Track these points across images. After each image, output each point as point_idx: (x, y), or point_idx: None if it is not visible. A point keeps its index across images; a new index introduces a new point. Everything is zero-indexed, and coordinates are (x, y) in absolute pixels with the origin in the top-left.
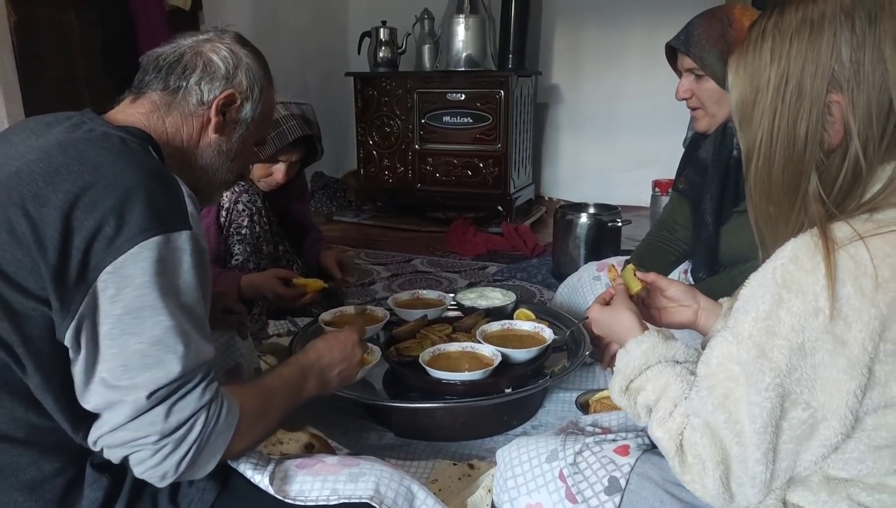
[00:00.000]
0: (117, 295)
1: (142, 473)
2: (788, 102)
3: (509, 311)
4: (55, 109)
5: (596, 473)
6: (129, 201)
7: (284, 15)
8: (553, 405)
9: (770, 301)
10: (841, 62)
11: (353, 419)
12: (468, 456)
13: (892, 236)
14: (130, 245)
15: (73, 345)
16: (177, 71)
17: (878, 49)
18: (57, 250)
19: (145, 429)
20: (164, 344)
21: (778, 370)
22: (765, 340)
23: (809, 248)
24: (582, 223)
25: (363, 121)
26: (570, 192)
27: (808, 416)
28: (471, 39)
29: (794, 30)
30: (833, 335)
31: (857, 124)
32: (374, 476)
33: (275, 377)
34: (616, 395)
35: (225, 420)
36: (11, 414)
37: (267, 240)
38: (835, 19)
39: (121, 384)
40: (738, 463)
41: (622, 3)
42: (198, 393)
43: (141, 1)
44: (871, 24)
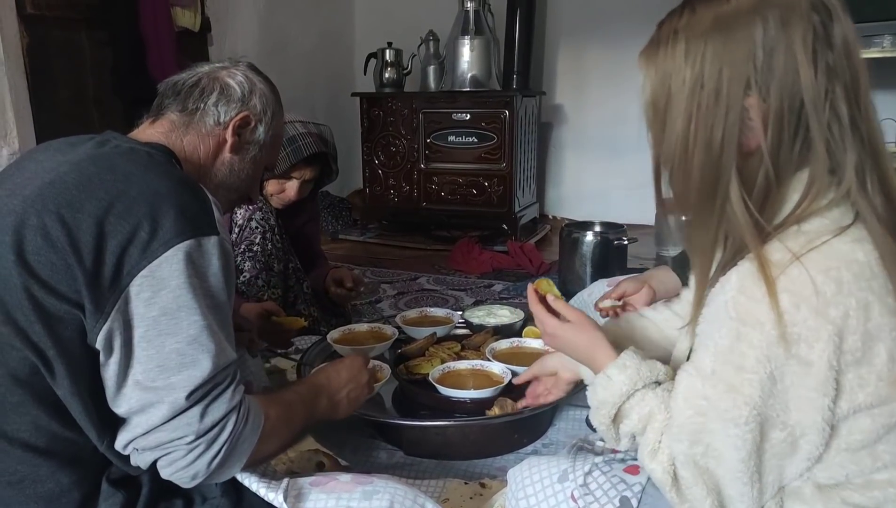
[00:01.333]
0: (153, 298)
1: (171, 474)
2: (705, 105)
3: (518, 328)
4: (65, 128)
5: (607, 493)
6: (161, 207)
7: (292, 36)
8: (564, 423)
9: (728, 336)
10: (755, 65)
11: (363, 438)
12: (479, 475)
13: (826, 247)
14: (166, 248)
15: (105, 348)
16: (195, 94)
17: (790, 50)
18: (92, 254)
19: (182, 430)
20: (200, 343)
21: (753, 403)
22: (732, 375)
23: (754, 277)
24: (588, 241)
25: (369, 140)
26: (575, 211)
27: (787, 435)
28: (475, 60)
29: (706, 30)
30: (797, 359)
31: (768, 128)
32: (388, 493)
33: (291, 393)
34: (602, 426)
35: (252, 423)
36: (35, 422)
37: (278, 258)
38: (748, 20)
39: (157, 384)
40: (725, 486)
41: (625, 25)
42: (229, 394)
43: (151, 22)
44: (783, 25)
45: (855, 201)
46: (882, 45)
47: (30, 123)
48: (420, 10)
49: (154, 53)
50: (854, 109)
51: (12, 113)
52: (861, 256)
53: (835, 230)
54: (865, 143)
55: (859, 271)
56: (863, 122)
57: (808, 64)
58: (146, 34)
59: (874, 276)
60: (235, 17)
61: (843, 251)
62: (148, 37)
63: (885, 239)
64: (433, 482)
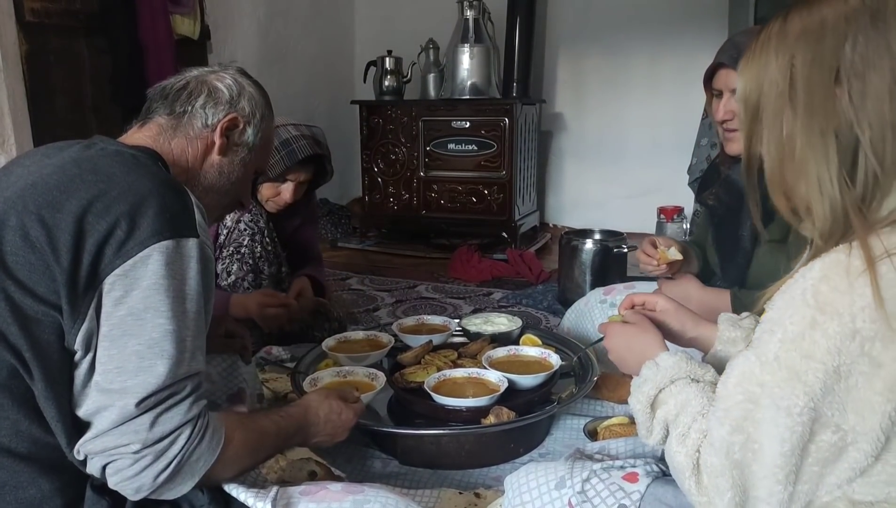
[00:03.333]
0: (123, 297)
1: (116, 483)
2: (800, 97)
3: (515, 337)
4: (63, 136)
5: (605, 501)
6: (141, 206)
7: (292, 44)
8: (560, 432)
9: (801, 323)
10: (845, 60)
11: (357, 447)
12: (474, 485)
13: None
14: (141, 248)
15: (83, 348)
16: (182, 97)
17: (882, 45)
18: (70, 253)
19: (128, 437)
20: (161, 348)
21: (813, 394)
22: (798, 362)
23: (841, 267)
24: (587, 249)
25: (368, 148)
26: (575, 219)
27: (838, 439)
28: (475, 68)
29: (797, 34)
30: (870, 357)
31: (867, 127)
32: (378, 503)
33: (268, 421)
34: (640, 405)
35: (209, 442)
36: (15, 427)
37: (269, 261)
38: (837, 24)
39: (112, 387)
40: (755, 486)
41: (624, 33)
42: (185, 406)
43: (150, 30)
44: (874, 27)
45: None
46: None
47: (28, 130)
48: (420, 19)
49: (153, 61)
50: None
51: (10, 120)
52: None
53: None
54: None
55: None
56: None
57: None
58: (145, 42)
59: None
60: (235, 25)
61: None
62: (147, 45)
63: None
64: (427, 491)
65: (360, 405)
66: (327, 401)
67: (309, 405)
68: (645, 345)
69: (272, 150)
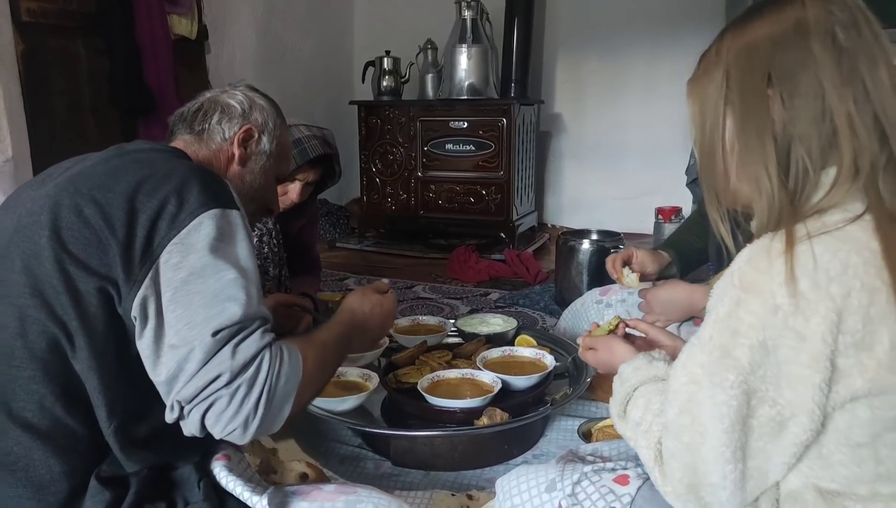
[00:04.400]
0: (181, 262)
1: (224, 429)
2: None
3: (510, 337)
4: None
5: (595, 504)
6: (186, 184)
7: (290, 44)
8: (555, 433)
9: (729, 303)
10: (774, 66)
11: (350, 448)
12: (467, 487)
13: (840, 232)
14: (193, 217)
15: (140, 316)
16: (198, 117)
17: (809, 56)
18: (124, 228)
19: (215, 370)
20: (226, 294)
21: (741, 368)
22: (727, 340)
23: (764, 250)
24: (584, 250)
25: (367, 149)
26: (573, 220)
27: (776, 413)
28: (473, 68)
29: (731, 50)
30: (793, 331)
31: (798, 126)
32: (371, 503)
33: (327, 335)
34: (616, 421)
35: (290, 361)
36: (41, 402)
37: (274, 263)
38: (766, 36)
39: (186, 340)
40: (707, 472)
41: (623, 34)
42: (257, 336)
43: (147, 30)
44: (799, 35)
45: (871, 191)
46: None
47: (24, 130)
48: (418, 19)
49: (150, 62)
50: (875, 105)
51: (6, 121)
52: (875, 244)
53: (850, 219)
54: (891, 134)
55: (871, 257)
56: (886, 119)
57: (830, 68)
58: (142, 42)
59: (886, 266)
60: (233, 25)
61: (856, 237)
62: (144, 45)
63: (892, 230)
64: (420, 493)
65: (392, 293)
66: (366, 297)
67: (352, 307)
68: (611, 359)
69: (290, 156)
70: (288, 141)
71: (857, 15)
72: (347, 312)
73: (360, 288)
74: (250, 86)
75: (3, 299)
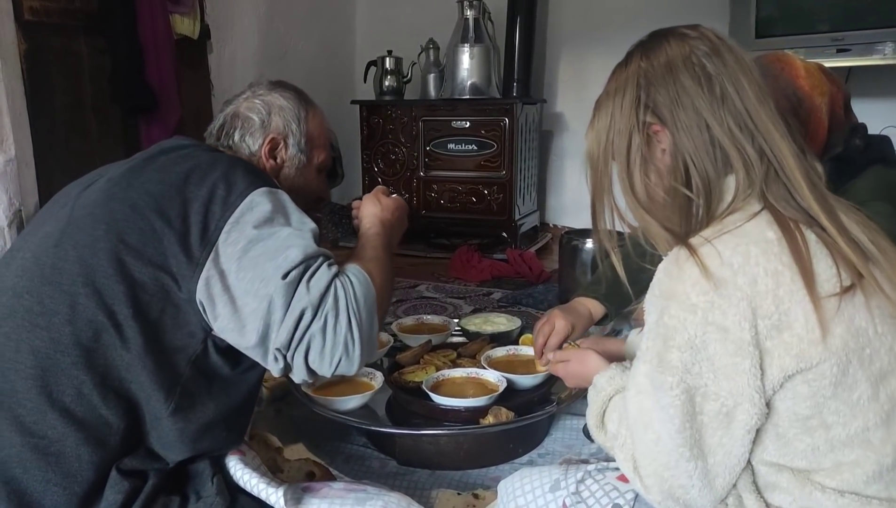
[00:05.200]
0: (239, 237)
1: (331, 364)
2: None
3: (515, 336)
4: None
5: (599, 501)
6: (231, 169)
7: (292, 44)
8: (560, 432)
9: (655, 313)
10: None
11: (355, 447)
12: (472, 486)
13: (737, 230)
14: (243, 197)
15: (207, 298)
16: (223, 135)
17: (681, 87)
18: (179, 216)
19: (297, 310)
20: (286, 244)
21: (675, 369)
22: (660, 346)
23: (673, 259)
24: (587, 249)
25: (369, 148)
26: (575, 219)
27: (721, 405)
28: (475, 68)
29: (613, 90)
30: (714, 326)
31: (690, 154)
32: (381, 501)
33: (371, 249)
34: (595, 432)
35: (359, 281)
36: (79, 388)
37: None
38: (638, 77)
39: (260, 294)
40: (669, 469)
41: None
42: (325, 268)
43: (149, 29)
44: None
45: (762, 195)
46: (884, 53)
47: (27, 129)
48: (420, 18)
49: (152, 61)
50: (748, 120)
51: (9, 119)
52: (771, 234)
53: (748, 217)
54: (764, 146)
55: (767, 246)
56: (758, 132)
57: (702, 98)
58: (144, 41)
59: (784, 251)
60: (235, 25)
61: (751, 231)
62: (146, 44)
63: (786, 221)
64: (426, 492)
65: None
66: (378, 201)
67: (374, 214)
68: (586, 371)
69: (326, 142)
70: (318, 129)
71: (718, 43)
72: (377, 223)
73: (368, 195)
74: (271, 82)
75: (57, 286)
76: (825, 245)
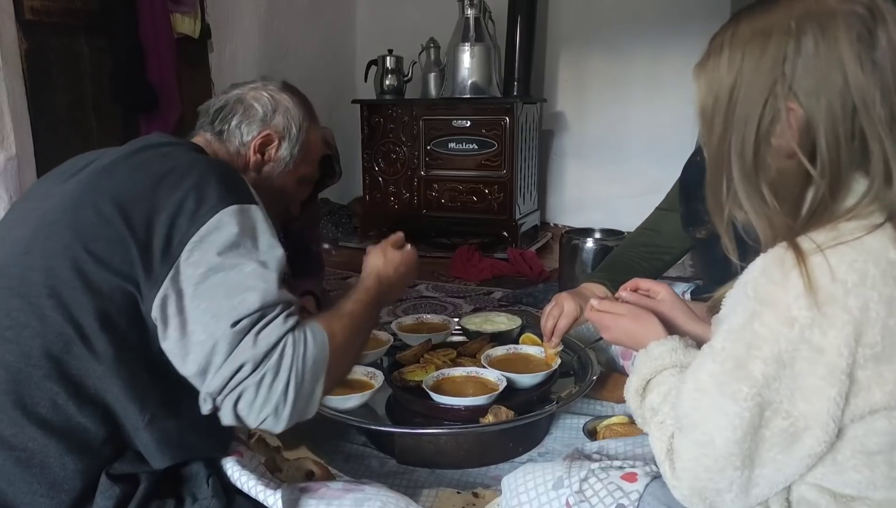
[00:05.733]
0: (202, 259)
1: (256, 418)
2: (740, 109)
3: (515, 335)
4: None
5: (603, 501)
6: (205, 179)
7: (292, 42)
8: (560, 431)
9: (744, 315)
10: (785, 71)
11: (355, 446)
12: (473, 484)
13: (856, 242)
14: (212, 214)
15: (161, 317)
16: (221, 116)
17: (832, 56)
18: (144, 227)
19: (237, 361)
20: (245, 285)
21: (754, 381)
22: (741, 351)
23: (778, 260)
24: (588, 248)
25: (369, 148)
26: (576, 218)
27: (789, 425)
28: (476, 67)
29: (746, 40)
30: (809, 344)
31: (823, 131)
32: (378, 501)
33: (352, 304)
34: (630, 395)
35: (314, 341)
36: (54, 399)
37: None
38: (783, 30)
39: (208, 332)
40: (712, 472)
41: (626, 33)
42: (280, 321)
43: (150, 29)
44: (823, 32)
45: (890, 207)
46: None
47: (27, 128)
48: (421, 18)
49: (153, 60)
50: None
51: (9, 118)
52: (893, 254)
53: (868, 228)
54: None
55: (888, 268)
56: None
57: (855, 67)
58: (145, 41)
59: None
60: (236, 24)
61: (873, 248)
62: (147, 43)
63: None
64: (426, 491)
65: (412, 248)
66: (387, 256)
67: (377, 270)
68: (641, 332)
69: (316, 158)
70: (314, 144)
71: (883, 8)
72: (373, 277)
73: (377, 246)
74: (284, 84)
75: (25, 298)
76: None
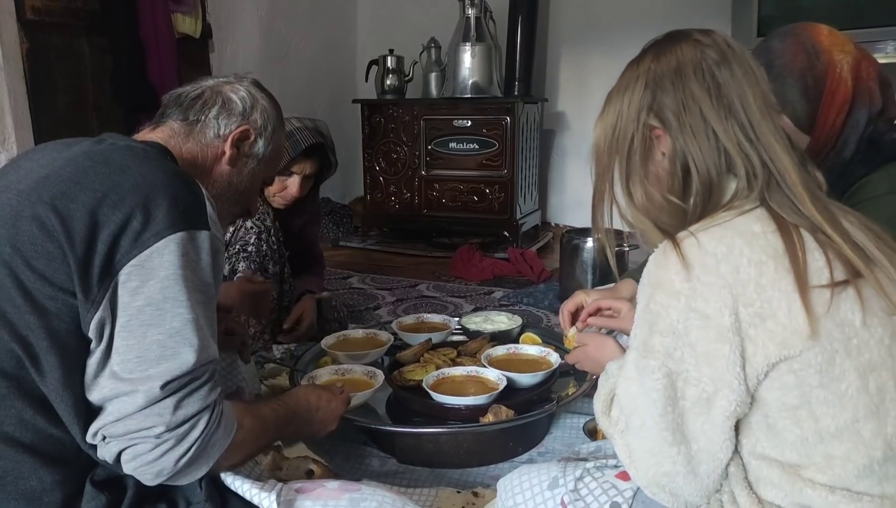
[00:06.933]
0: (141, 287)
1: (135, 468)
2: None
3: (515, 335)
4: (64, 134)
5: (598, 499)
6: (155, 197)
7: (293, 42)
8: (560, 431)
9: (643, 301)
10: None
11: (355, 445)
12: (472, 484)
13: (725, 223)
14: (157, 239)
15: (97, 337)
16: (196, 106)
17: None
18: (84, 243)
19: (152, 419)
20: (182, 336)
21: (657, 354)
22: (646, 333)
23: (661, 250)
24: (588, 248)
25: (370, 147)
26: (577, 218)
27: (701, 391)
28: (477, 67)
29: (623, 86)
30: (697, 313)
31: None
32: (375, 501)
33: (267, 409)
34: (600, 418)
35: (225, 427)
36: (19, 416)
37: (274, 260)
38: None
39: (133, 376)
40: (654, 455)
41: (627, 33)
42: (205, 392)
43: (151, 28)
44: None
45: (762, 198)
46: (886, 51)
47: (28, 128)
48: (422, 18)
49: (154, 60)
50: (751, 132)
51: (11, 118)
52: (757, 228)
53: (738, 214)
54: (765, 157)
55: (752, 238)
56: (761, 144)
57: (710, 106)
58: (146, 40)
59: (769, 243)
60: (237, 24)
61: (738, 225)
62: (148, 43)
63: (785, 223)
64: (426, 490)
65: (345, 395)
66: (315, 392)
67: (300, 395)
68: (603, 357)
69: (280, 160)
70: (282, 145)
71: (729, 53)
72: (301, 400)
73: (314, 385)
74: (256, 82)
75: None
76: (820, 244)
